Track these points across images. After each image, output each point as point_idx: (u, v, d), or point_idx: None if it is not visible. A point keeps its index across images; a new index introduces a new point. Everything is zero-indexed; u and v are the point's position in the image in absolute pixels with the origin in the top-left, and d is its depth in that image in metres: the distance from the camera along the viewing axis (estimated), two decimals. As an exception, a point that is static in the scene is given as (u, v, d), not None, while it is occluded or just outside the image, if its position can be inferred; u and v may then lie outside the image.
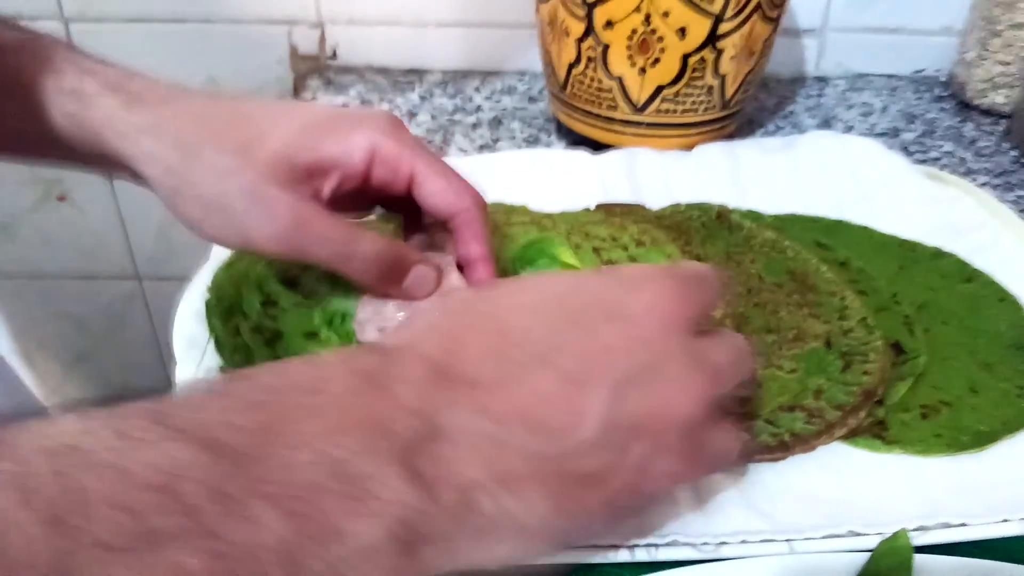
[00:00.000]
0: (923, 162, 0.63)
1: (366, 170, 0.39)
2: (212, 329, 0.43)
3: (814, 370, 0.42)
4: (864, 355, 0.43)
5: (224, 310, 0.44)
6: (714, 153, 0.60)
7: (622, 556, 0.33)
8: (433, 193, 0.40)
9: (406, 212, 0.44)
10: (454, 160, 0.56)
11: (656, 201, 0.56)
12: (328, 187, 0.39)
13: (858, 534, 0.34)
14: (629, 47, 0.58)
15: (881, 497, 0.37)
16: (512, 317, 0.24)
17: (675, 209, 0.55)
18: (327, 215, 0.38)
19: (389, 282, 0.39)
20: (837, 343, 0.44)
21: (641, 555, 0.33)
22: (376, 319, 0.40)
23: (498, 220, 0.51)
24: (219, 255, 0.48)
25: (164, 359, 1.00)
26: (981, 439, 0.40)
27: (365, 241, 0.38)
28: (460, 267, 0.41)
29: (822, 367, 0.43)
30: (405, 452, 0.21)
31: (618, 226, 0.51)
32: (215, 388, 0.23)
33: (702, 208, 0.54)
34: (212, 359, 0.42)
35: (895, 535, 0.33)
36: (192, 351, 0.42)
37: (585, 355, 0.24)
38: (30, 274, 0.91)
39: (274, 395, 0.21)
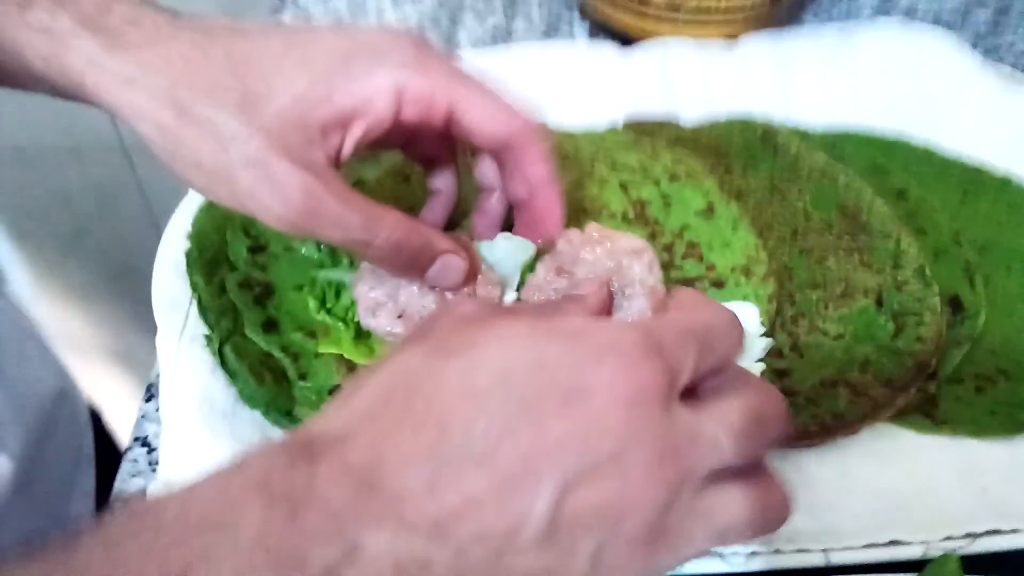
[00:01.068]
0: (996, 48, 0.55)
1: (393, 115, 0.33)
2: (194, 287, 0.39)
3: (862, 335, 0.39)
4: (918, 315, 0.39)
5: (207, 262, 0.40)
6: (760, 50, 0.53)
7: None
8: (479, 120, 0.33)
9: (428, 157, 0.39)
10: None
11: (692, 110, 0.49)
12: (349, 143, 0.33)
13: (899, 543, 0.32)
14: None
15: (928, 490, 0.35)
16: (456, 406, 0.21)
17: (714, 126, 0.48)
18: (344, 193, 0.32)
19: (411, 271, 0.35)
20: (889, 300, 0.40)
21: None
22: (391, 303, 0.36)
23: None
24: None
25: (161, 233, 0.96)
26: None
27: (385, 226, 0.33)
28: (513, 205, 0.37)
29: (871, 331, 0.39)
30: None
31: (650, 153, 0.45)
32: (124, 529, 0.20)
33: (744, 125, 0.48)
34: (196, 326, 0.38)
35: (943, 560, 0.30)
36: (173, 316, 0.39)
37: (530, 451, 0.20)
38: (13, 148, 0.85)
39: (183, 535, 0.20)
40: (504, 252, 0.37)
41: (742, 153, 0.46)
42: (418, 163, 0.39)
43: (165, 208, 0.82)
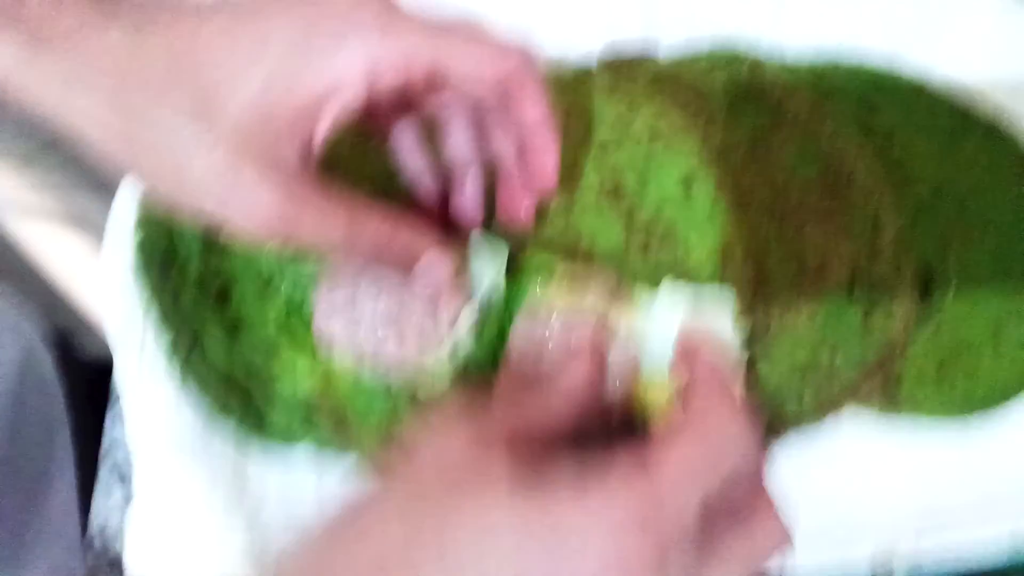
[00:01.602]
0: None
1: (367, 90, 0.30)
2: (150, 292, 0.37)
3: (834, 314, 0.39)
4: (891, 288, 0.39)
5: (160, 256, 0.37)
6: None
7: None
8: (468, 70, 0.30)
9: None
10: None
11: (674, 34, 0.45)
12: (321, 130, 0.30)
13: (850, 544, 0.34)
14: None
15: (878, 488, 0.37)
16: None
17: (695, 62, 0.45)
18: (322, 193, 0.30)
19: (394, 270, 0.33)
20: (864, 272, 0.39)
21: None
22: (348, 308, 0.34)
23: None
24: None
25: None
26: (986, 401, 0.38)
27: (368, 228, 0.30)
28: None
29: (843, 310, 0.39)
30: None
31: (628, 103, 0.42)
32: None
33: (728, 60, 0.44)
34: (154, 339, 0.37)
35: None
36: (129, 330, 0.37)
37: None
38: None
39: None
40: (474, 253, 0.36)
41: (724, 99, 0.43)
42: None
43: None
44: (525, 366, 0.33)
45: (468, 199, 0.36)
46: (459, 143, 0.35)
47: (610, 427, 0.32)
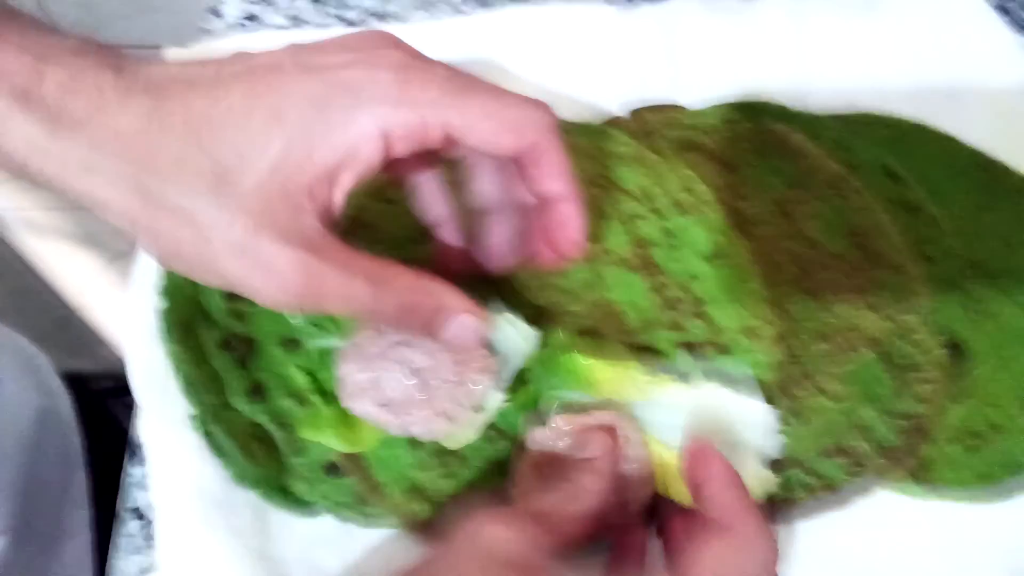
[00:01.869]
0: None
1: (383, 157, 0.29)
2: (173, 358, 0.37)
3: (863, 397, 0.38)
4: (919, 368, 0.39)
5: (183, 321, 0.37)
6: (776, 9, 0.47)
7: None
8: (483, 140, 0.30)
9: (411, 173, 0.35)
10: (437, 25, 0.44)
11: (700, 85, 0.45)
12: (339, 197, 0.29)
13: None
14: None
15: (910, 566, 0.36)
16: None
17: (724, 115, 0.44)
18: (345, 260, 0.29)
19: (422, 333, 0.32)
20: (893, 352, 0.39)
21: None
22: (373, 391, 0.34)
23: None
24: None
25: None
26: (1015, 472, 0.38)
27: (394, 290, 0.30)
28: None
29: (872, 392, 0.38)
30: None
31: (655, 174, 0.41)
32: None
33: (755, 112, 0.44)
34: (179, 402, 0.36)
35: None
36: (154, 392, 0.36)
37: None
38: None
39: None
40: (505, 335, 0.35)
41: (752, 160, 0.43)
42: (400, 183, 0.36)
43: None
44: (542, 465, 0.34)
45: (498, 245, 0.35)
46: (486, 186, 0.34)
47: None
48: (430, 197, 0.36)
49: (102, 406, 0.66)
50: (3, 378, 0.49)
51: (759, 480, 0.34)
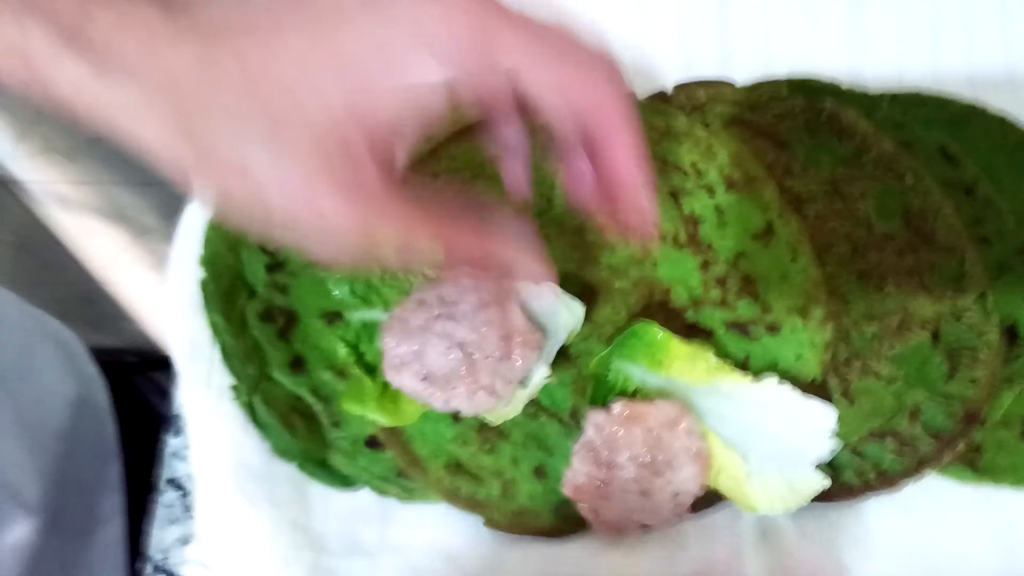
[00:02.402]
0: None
1: (449, 107, 0.27)
2: (215, 330, 0.36)
3: (914, 379, 0.37)
4: (974, 350, 0.38)
5: (224, 292, 0.37)
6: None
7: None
8: (545, 101, 0.28)
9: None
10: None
11: (750, 61, 0.44)
12: (402, 151, 0.28)
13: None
14: None
15: (960, 553, 0.35)
16: None
17: (774, 93, 0.43)
18: (405, 214, 0.28)
19: (486, 277, 0.31)
20: (946, 334, 0.38)
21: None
22: (416, 364, 0.33)
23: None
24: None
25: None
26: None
27: (456, 244, 0.28)
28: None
29: (924, 374, 0.37)
30: None
31: (704, 149, 0.40)
32: None
33: (807, 90, 0.43)
34: (221, 374, 0.36)
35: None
36: (196, 364, 0.36)
37: None
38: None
39: None
40: (550, 307, 0.34)
41: (802, 137, 0.42)
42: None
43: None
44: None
45: (581, 182, 0.31)
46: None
47: None
48: (499, 130, 0.32)
49: (129, 383, 0.66)
50: (42, 366, 0.48)
51: (811, 482, 0.33)
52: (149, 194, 1.01)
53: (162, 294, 0.38)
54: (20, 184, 1.00)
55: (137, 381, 0.66)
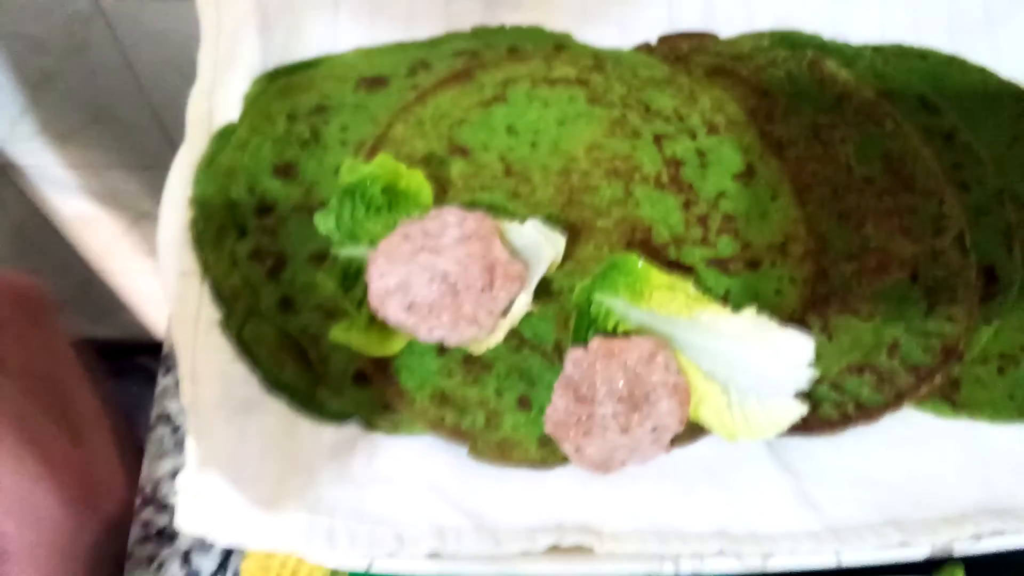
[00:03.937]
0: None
1: None
2: (205, 266, 0.37)
3: (893, 316, 0.38)
4: (953, 289, 0.38)
5: (215, 232, 0.37)
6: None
7: (667, 569, 0.33)
8: None
9: None
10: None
11: (734, 16, 0.45)
12: None
13: (909, 544, 0.34)
14: None
15: (939, 483, 0.36)
16: None
17: (756, 44, 0.44)
18: None
19: None
20: (924, 273, 0.39)
21: (686, 568, 0.33)
22: (400, 294, 0.34)
23: (536, 75, 0.41)
24: (194, 142, 0.39)
25: (139, 82, 0.90)
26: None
27: None
28: None
29: (902, 311, 0.38)
30: None
31: (686, 95, 0.41)
32: None
33: (790, 42, 0.44)
34: (211, 309, 0.36)
35: (950, 570, 0.32)
36: (186, 297, 0.37)
37: None
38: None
39: None
40: (531, 241, 0.35)
41: (785, 87, 0.43)
42: None
43: (133, 43, 0.75)
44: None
45: None
46: None
47: None
48: None
49: (125, 377, 0.65)
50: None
51: (790, 410, 0.34)
52: (146, 178, 1.01)
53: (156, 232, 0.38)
54: (16, 168, 1.00)
55: (136, 376, 0.65)
